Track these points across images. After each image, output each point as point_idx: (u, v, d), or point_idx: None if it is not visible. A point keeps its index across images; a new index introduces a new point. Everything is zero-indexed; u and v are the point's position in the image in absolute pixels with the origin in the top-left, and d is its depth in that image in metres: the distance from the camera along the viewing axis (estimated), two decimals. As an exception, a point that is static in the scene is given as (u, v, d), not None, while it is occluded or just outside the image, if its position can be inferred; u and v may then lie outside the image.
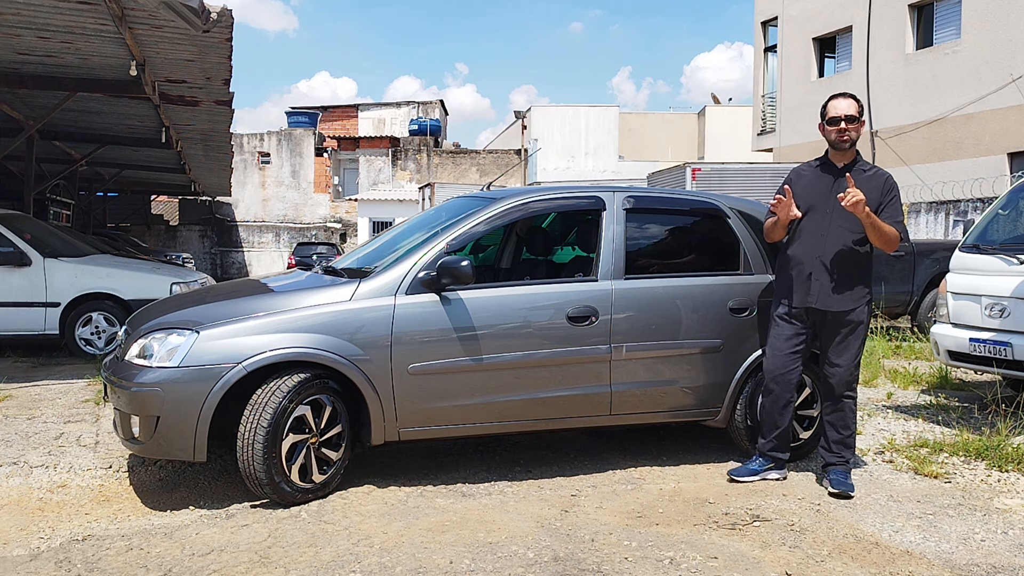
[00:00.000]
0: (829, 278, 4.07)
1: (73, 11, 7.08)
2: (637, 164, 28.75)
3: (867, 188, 4.02)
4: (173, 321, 3.95)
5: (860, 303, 4.10)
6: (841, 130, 4.09)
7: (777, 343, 4.23)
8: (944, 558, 3.33)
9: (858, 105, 4.14)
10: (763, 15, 22.39)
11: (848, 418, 4.17)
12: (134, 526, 3.58)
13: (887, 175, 4.14)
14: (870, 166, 4.20)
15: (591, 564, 3.17)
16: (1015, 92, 14.98)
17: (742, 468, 4.31)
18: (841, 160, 4.17)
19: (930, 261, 10.25)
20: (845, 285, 4.07)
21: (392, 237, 4.95)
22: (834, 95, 4.23)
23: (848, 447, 4.19)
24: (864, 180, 4.08)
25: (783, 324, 4.22)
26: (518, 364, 4.11)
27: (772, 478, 4.27)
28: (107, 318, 8.29)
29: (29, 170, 11.98)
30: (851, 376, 4.15)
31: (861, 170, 4.13)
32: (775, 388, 4.22)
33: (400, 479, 4.20)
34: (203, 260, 30.64)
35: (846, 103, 4.12)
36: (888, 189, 4.09)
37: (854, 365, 4.14)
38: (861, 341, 4.16)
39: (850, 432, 4.18)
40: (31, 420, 5.40)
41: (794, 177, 4.29)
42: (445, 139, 37.56)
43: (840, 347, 4.12)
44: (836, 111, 4.12)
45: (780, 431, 4.24)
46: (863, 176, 4.10)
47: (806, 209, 4.14)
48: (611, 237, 4.40)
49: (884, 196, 4.06)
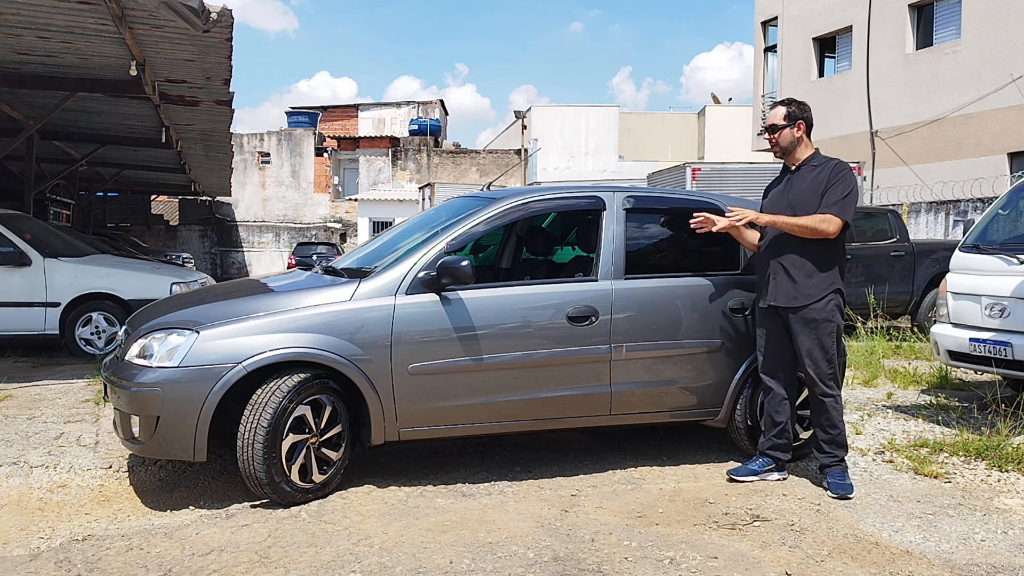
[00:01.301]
0: (785, 276, 4.13)
1: (73, 11, 7.08)
2: (637, 164, 28.74)
3: (815, 180, 4.13)
4: (173, 321, 3.95)
5: (819, 299, 4.07)
6: (769, 139, 4.29)
7: (760, 343, 4.33)
8: (944, 558, 3.33)
9: (787, 111, 4.21)
10: (763, 15, 22.40)
11: (833, 416, 4.14)
12: (134, 526, 3.58)
13: (838, 163, 4.18)
14: (824, 160, 4.23)
15: (591, 564, 3.17)
16: (1015, 92, 14.98)
17: (742, 468, 4.32)
18: (790, 162, 4.29)
19: (930, 261, 10.25)
20: (802, 282, 4.09)
21: (392, 237, 4.95)
22: (774, 103, 4.38)
23: (840, 445, 4.17)
24: (813, 174, 4.16)
25: (760, 325, 4.33)
26: (518, 364, 4.11)
27: (773, 479, 4.27)
28: (107, 318, 8.29)
29: (29, 170, 11.98)
30: (825, 374, 4.11)
31: (813, 166, 4.21)
32: (771, 387, 4.26)
33: (400, 479, 4.20)
34: (203, 260, 30.64)
35: (773, 112, 4.29)
36: (834, 176, 4.10)
37: (826, 362, 4.11)
38: (831, 337, 4.12)
39: (839, 430, 4.15)
40: (31, 420, 5.40)
41: (767, 189, 4.47)
42: (445, 139, 37.56)
43: (803, 345, 4.11)
44: (767, 120, 4.31)
45: (779, 429, 4.25)
46: (813, 171, 4.18)
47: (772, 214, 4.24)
48: (611, 237, 4.40)
49: (828, 184, 4.09)
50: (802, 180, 4.19)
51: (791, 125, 4.21)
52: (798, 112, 4.22)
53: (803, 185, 4.17)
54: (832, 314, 4.11)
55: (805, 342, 4.11)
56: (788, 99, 4.33)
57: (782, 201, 4.22)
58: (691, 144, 36.82)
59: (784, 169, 4.35)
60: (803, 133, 4.22)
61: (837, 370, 4.17)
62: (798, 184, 4.19)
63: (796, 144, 4.22)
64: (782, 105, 4.27)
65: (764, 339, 4.30)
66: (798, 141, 4.22)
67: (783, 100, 4.32)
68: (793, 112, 4.22)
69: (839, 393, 4.20)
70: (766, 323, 4.28)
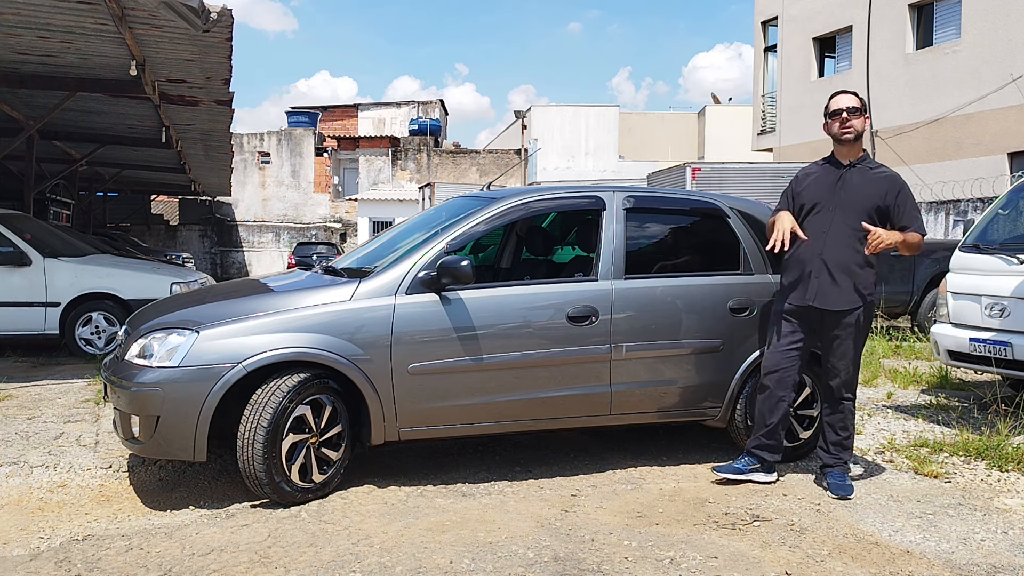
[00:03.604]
0: (829, 277, 4.03)
1: (73, 11, 7.08)
2: (637, 164, 28.74)
3: (874, 186, 4.04)
4: (173, 321, 3.95)
5: (860, 304, 4.04)
6: (843, 120, 4.07)
7: (775, 340, 4.21)
8: (944, 558, 3.33)
9: (860, 100, 4.13)
10: (763, 15, 22.40)
11: (847, 420, 4.16)
12: (134, 526, 3.58)
13: (896, 175, 4.12)
14: (877, 165, 4.19)
15: (591, 564, 3.17)
16: (1015, 92, 14.98)
17: (727, 465, 4.29)
18: (847, 157, 4.15)
19: (930, 261, 10.24)
20: (845, 284, 4.03)
21: (392, 237, 4.95)
22: (837, 92, 4.24)
23: (846, 449, 4.17)
24: (871, 178, 4.08)
25: (783, 322, 4.19)
26: (518, 364, 4.10)
27: (758, 480, 4.19)
28: (107, 318, 8.29)
29: (29, 170, 11.98)
30: (850, 378, 4.13)
31: (868, 167, 4.12)
32: (770, 385, 4.17)
33: (400, 479, 4.20)
34: (203, 260, 30.65)
35: (847, 96, 4.14)
36: (898, 190, 4.05)
37: (853, 367, 4.12)
38: (861, 343, 4.14)
39: (848, 434, 4.17)
40: (31, 420, 5.40)
41: (800, 176, 4.30)
42: (445, 139, 37.57)
43: (839, 349, 4.09)
44: (837, 104, 4.12)
45: (768, 429, 4.16)
46: (870, 174, 4.09)
47: (811, 207, 4.13)
48: (611, 237, 4.40)
49: (896, 198, 4.03)
50: (856, 179, 4.06)
51: (864, 113, 4.11)
52: (866, 104, 4.15)
53: (860, 185, 4.04)
54: (868, 318, 4.10)
55: (841, 345, 4.07)
56: (853, 90, 4.21)
57: (833, 197, 4.07)
58: (691, 144, 36.82)
59: (832, 162, 4.19)
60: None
61: (857, 375, 4.19)
62: (853, 183, 4.06)
63: (862, 135, 4.13)
64: (851, 93, 4.14)
65: (778, 336, 4.17)
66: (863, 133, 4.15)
67: (849, 90, 4.19)
68: (864, 102, 4.14)
69: (855, 399, 4.21)
70: (788, 321, 4.15)
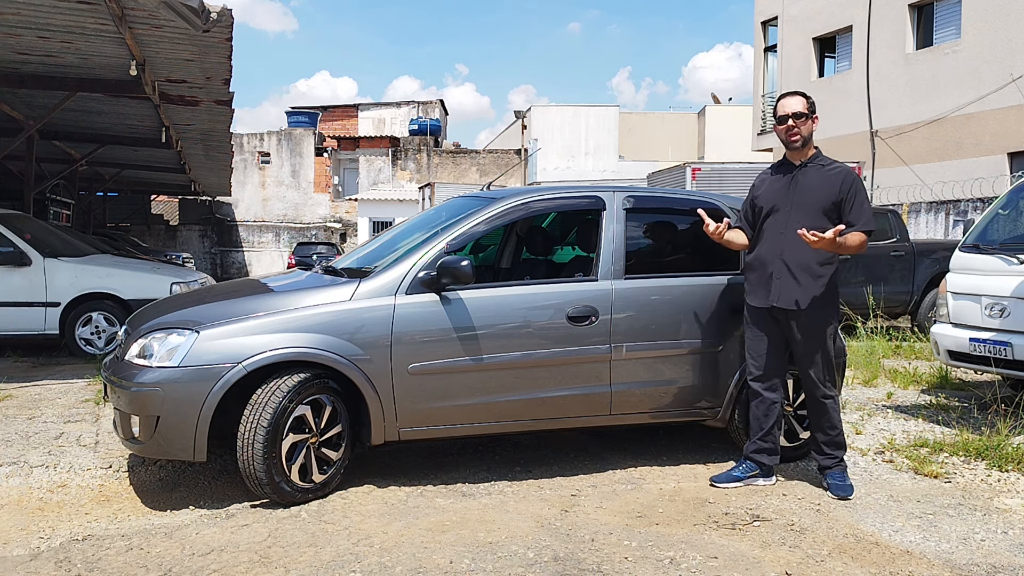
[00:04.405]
0: (790, 277, 4.02)
1: (73, 11, 7.08)
2: (637, 164, 28.74)
3: (827, 183, 4.01)
4: (173, 321, 3.95)
5: (823, 301, 4.02)
6: (788, 128, 4.07)
7: (751, 345, 4.22)
8: (944, 558, 3.33)
9: (807, 102, 4.09)
10: (763, 15, 22.40)
11: (833, 418, 4.10)
12: (134, 526, 3.58)
13: (848, 171, 4.06)
14: (830, 162, 4.13)
15: (591, 564, 3.17)
16: (1015, 92, 14.98)
17: (723, 475, 4.22)
18: (797, 158, 4.14)
19: (930, 261, 10.25)
20: (807, 283, 4.01)
21: (392, 237, 4.95)
22: (784, 94, 4.19)
23: (840, 446, 4.13)
24: (824, 175, 4.04)
25: (754, 326, 4.20)
26: (518, 364, 4.10)
27: (759, 484, 4.19)
28: (107, 318, 8.30)
29: (29, 170, 11.98)
30: (825, 375, 4.07)
31: (820, 165, 4.09)
32: (759, 390, 4.17)
33: (400, 479, 4.20)
34: (203, 260, 30.65)
35: (794, 100, 4.09)
36: (849, 186, 3.99)
37: (826, 364, 4.07)
38: (831, 339, 4.09)
39: (837, 431, 4.11)
40: (31, 420, 5.40)
41: (757, 183, 4.30)
42: (445, 139, 37.56)
43: (808, 348, 4.06)
44: (783, 109, 4.10)
45: (764, 433, 4.16)
46: (822, 171, 4.06)
47: (769, 210, 4.13)
48: (611, 237, 4.40)
49: (846, 194, 3.98)
50: (809, 179, 4.05)
51: (812, 116, 4.09)
52: (814, 105, 4.12)
53: (811, 185, 4.03)
54: (833, 315, 4.09)
55: (807, 344, 4.05)
56: (803, 92, 4.17)
57: (787, 199, 4.08)
58: (691, 144, 36.82)
59: (784, 164, 4.20)
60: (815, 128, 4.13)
61: (835, 371, 4.13)
62: (805, 183, 4.06)
63: (810, 138, 4.11)
64: (799, 95, 4.10)
65: (752, 341, 4.19)
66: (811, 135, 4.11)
67: (796, 91, 4.16)
68: (812, 104, 4.11)
69: (837, 394, 4.17)
70: (761, 325, 4.17)
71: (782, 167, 4.22)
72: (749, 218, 4.26)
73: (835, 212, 4.01)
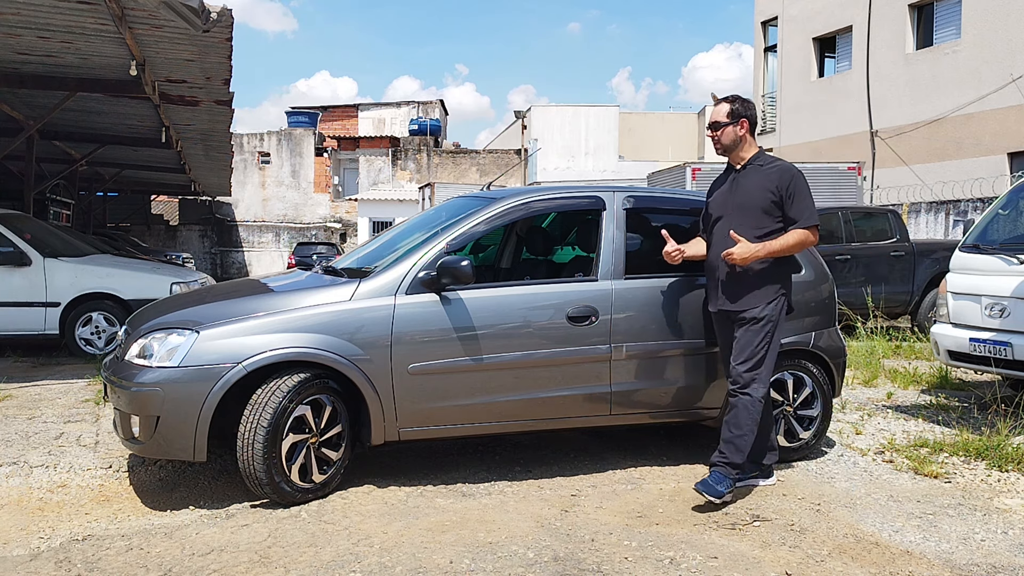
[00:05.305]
0: (734, 279, 4.00)
1: (73, 11, 7.08)
2: (637, 164, 28.75)
3: (765, 182, 3.97)
4: (173, 321, 3.95)
5: (763, 301, 3.95)
6: (712, 136, 4.13)
7: (720, 349, 4.23)
8: (944, 558, 3.33)
9: (731, 108, 4.07)
10: (763, 15, 22.41)
11: (741, 418, 3.89)
12: (134, 526, 3.58)
13: (787, 169, 4.01)
14: (770, 160, 4.09)
15: (591, 564, 3.17)
16: (1015, 92, 14.98)
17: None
18: (736, 161, 4.14)
19: (930, 261, 10.26)
20: (750, 284, 3.97)
21: (392, 237, 4.95)
22: (717, 100, 4.20)
23: (738, 449, 3.88)
24: (763, 174, 4.01)
25: (717, 332, 4.22)
26: (518, 364, 4.10)
27: (759, 484, 4.17)
28: (107, 318, 8.30)
29: (29, 170, 11.98)
30: (745, 374, 3.91)
31: (759, 165, 4.06)
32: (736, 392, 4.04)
33: (400, 479, 4.20)
34: (203, 260, 30.65)
35: (717, 109, 4.11)
36: (788, 183, 3.94)
37: (751, 364, 3.92)
38: (761, 339, 3.93)
39: (742, 433, 3.89)
40: (31, 420, 5.40)
41: (711, 189, 4.30)
42: (445, 139, 37.56)
43: (737, 344, 3.99)
44: (710, 117, 4.15)
45: (760, 435, 4.09)
46: (762, 171, 4.03)
47: (716, 215, 4.12)
48: (611, 237, 4.40)
49: (785, 192, 3.94)
50: (748, 180, 4.03)
51: (734, 123, 4.06)
52: (741, 110, 4.07)
53: (750, 186, 4.02)
54: (768, 315, 3.95)
55: (740, 341, 3.97)
56: (732, 96, 4.16)
57: (729, 203, 4.07)
58: (691, 144, 36.82)
59: (728, 168, 4.19)
60: (746, 131, 4.07)
61: (761, 372, 3.93)
62: (744, 185, 4.04)
63: (739, 143, 4.07)
64: (726, 102, 4.11)
65: (724, 348, 4.16)
66: (741, 140, 4.06)
67: (727, 97, 4.16)
68: (736, 110, 4.07)
69: (757, 398, 3.91)
70: (721, 330, 4.16)
71: (726, 171, 4.22)
72: (705, 225, 4.26)
73: (777, 210, 3.97)
